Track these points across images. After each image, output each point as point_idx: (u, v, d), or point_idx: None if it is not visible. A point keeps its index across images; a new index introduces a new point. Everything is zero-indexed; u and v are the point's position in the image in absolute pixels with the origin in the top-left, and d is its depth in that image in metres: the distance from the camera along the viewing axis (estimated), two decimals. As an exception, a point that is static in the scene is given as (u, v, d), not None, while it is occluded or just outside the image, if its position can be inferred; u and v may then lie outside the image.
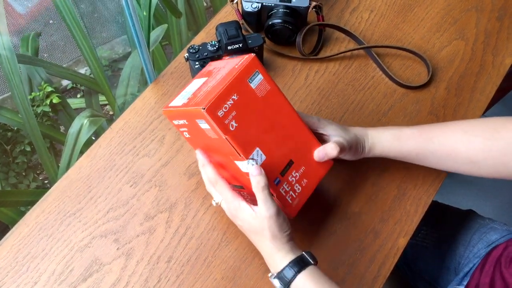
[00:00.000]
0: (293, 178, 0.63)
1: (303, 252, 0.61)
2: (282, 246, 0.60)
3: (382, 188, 0.76)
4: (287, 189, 0.63)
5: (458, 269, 0.87)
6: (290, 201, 0.63)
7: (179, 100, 0.62)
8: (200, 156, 0.67)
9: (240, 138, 0.58)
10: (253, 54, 0.60)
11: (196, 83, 0.64)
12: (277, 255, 0.60)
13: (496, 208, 1.54)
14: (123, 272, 0.69)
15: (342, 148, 0.65)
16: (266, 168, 0.60)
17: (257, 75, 0.60)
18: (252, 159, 0.59)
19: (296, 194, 0.64)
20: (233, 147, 0.58)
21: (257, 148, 0.60)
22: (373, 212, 0.74)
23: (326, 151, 0.64)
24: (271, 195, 0.60)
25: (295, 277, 0.58)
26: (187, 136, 0.65)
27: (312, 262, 0.60)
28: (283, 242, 0.61)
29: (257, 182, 0.58)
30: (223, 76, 0.59)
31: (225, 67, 0.62)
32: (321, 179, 0.66)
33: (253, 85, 0.59)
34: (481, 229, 0.88)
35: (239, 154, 0.58)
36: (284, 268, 0.59)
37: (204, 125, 0.58)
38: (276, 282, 0.60)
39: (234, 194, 0.63)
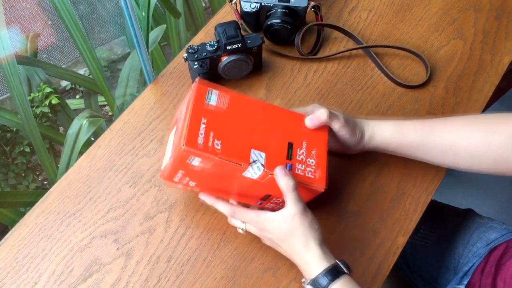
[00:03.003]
0: (302, 156, 0.64)
1: (337, 261, 0.60)
2: (315, 249, 0.60)
3: (381, 187, 0.77)
4: (303, 168, 0.63)
5: (458, 268, 0.87)
6: (312, 176, 0.63)
7: (166, 160, 0.64)
8: (205, 198, 0.67)
9: (231, 151, 0.59)
10: (197, 79, 0.62)
11: (171, 137, 0.66)
12: (311, 261, 0.60)
13: (495, 207, 1.54)
14: (123, 272, 0.69)
15: (333, 116, 0.65)
16: (271, 161, 0.60)
17: (211, 93, 0.62)
18: (254, 161, 0.59)
19: (314, 167, 0.64)
20: (231, 162, 0.58)
21: (252, 150, 0.60)
22: (372, 211, 0.75)
23: (317, 115, 0.65)
24: (299, 195, 0.61)
25: (329, 286, 0.58)
26: (193, 184, 0.65)
27: (346, 271, 0.60)
28: (316, 244, 0.60)
29: (286, 183, 0.59)
30: (184, 113, 0.61)
31: (183, 106, 0.63)
32: (327, 141, 0.67)
33: (213, 102, 0.61)
34: (480, 228, 0.88)
35: (239, 165, 0.59)
36: (317, 276, 0.59)
37: (195, 161, 0.58)
38: None
39: (255, 211, 0.64)
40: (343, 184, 0.77)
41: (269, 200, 0.66)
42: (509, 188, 1.60)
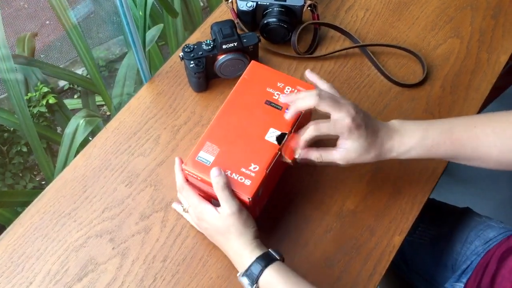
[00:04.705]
0: (276, 91, 0.70)
1: (269, 249, 0.62)
2: (248, 242, 0.62)
3: (377, 186, 0.76)
4: (290, 90, 0.70)
5: (456, 266, 0.87)
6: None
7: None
8: (176, 163, 0.69)
9: (262, 156, 0.65)
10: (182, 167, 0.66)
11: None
12: (244, 253, 0.62)
13: (492, 207, 1.54)
14: (119, 272, 0.68)
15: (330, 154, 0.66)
16: (279, 124, 0.66)
17: (202, 157, 0.65)
18: (278, 140, 0.66)
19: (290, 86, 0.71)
20: (273, 161, 0.65)
21: (265, 138, 0.66)
22: (368, 210, 0.74)
23: (304, 140, 0.65)
24: (232, 194, 0.62)
25: (262, 272, 0.59)
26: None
27: (278, 258, 0.61)
28: (250, 239, 0.62)
29: (217, 182, 0.62)
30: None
31: (202, 187, 0.67)
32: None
33: (210, 159, 0.64)
34: (478, 227, 0.88)
35: (277, 153, 0.65)
36: (251, 265, 0.60)
37: (260, 189, 0.65)
38: (244, 280, 0.61)
39: (200, 198, 0.65)
40: (339, 183, 0.76)
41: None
42: (507, 187, 1.60)
